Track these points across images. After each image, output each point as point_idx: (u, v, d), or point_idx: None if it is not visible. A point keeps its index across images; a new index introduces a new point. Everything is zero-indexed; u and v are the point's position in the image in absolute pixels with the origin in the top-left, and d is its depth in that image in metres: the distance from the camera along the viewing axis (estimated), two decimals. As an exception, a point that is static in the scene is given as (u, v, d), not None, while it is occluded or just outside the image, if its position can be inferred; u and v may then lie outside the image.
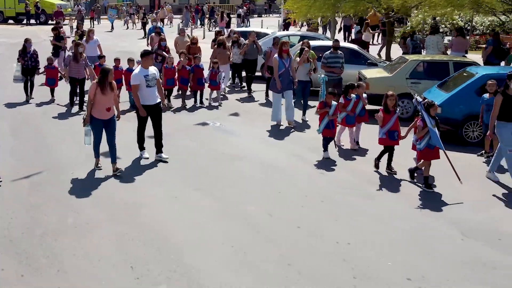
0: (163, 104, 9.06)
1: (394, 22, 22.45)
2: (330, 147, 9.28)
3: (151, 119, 8.80)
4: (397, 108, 8.62)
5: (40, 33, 28.37)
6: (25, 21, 37.10)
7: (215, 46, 14.28)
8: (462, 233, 6.42)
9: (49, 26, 18.11)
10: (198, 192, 7.57)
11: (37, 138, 10.17)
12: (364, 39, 20.89)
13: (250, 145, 9.98)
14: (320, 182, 8.09)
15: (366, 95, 10.05)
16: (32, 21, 37.19)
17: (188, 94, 13.25)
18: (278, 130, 10.97)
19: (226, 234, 6.27)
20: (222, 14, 34.23)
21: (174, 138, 9.97)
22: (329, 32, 26.65)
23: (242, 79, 15.32)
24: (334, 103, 9.20)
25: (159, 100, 8.83)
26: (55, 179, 7.98)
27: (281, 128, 11.12)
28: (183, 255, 5.73)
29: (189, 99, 13.11)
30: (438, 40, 15.88)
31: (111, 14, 36.43)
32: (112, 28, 34.37)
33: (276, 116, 11.30)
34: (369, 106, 10.18)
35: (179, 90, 13.13)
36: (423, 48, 16.69)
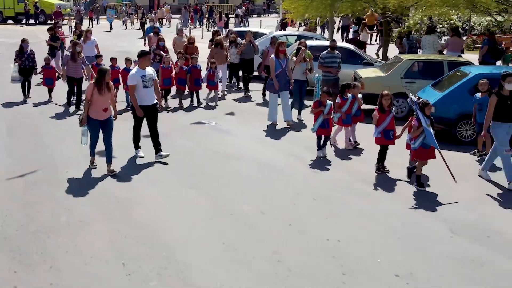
0: (160, 105, 9.10)
1: (393, 22, 22.49)
2: (327, 147, 9.33)
3: (147, 120, 8.83)
4: (392, 108, 8.67)
5: (39, 33, 28.40)
6: (24, 21, 37.16)
7: (212, 46, 14.30)
8: (452, 230, 6.48)
9: (48, 26, 18.22)
10: (194, 191, 7.63)
11: (33, 137, 10.22)
12: (361, 39, 20.97)
13: (246, 144, 10.04)
14: (314, 181, 8.15)
15: (361, 95, 10.11)
16: (31, 21, 37.21)
17: (186, 93, 13.30)
18: (274, 130, 11.02)
19: (218, 232, 6.33)
20: (221, 14, 34.28)
21: (171, 138, 10.02)
22: (327, 32, 26.69)
23: (239, 79, 15.38)
24: (329, 102, 9.27)
25: (155, 100, 8.88)
26: (50, 177, 8.04)
27: (277, 127, 11.17)
28: (174, 252, 5.80)
29: (185, 99, 13.17)
30: (434, 39, 15.94)
31: (110, 14, 36.48)
32: (111, 28, 34.44)
33: (272, 116, 11.37)
34: (364, 106, 10.23)
35: (177, 91, 13.17)
36: (419, 47, 16.74)
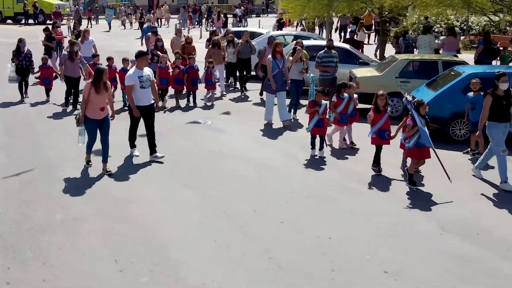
0: (157, 105, 9.13)
1: (390, 22, 22.54)
2: (325, 148, 9.38)
3: (143, 120, 8.87)
4: (387, 108, 8.71)
5: (38, 33, 28.26)
6: (23, 21, 37.21)
7: (210, 46, 14.35)
8: (442, 228, 6.54)
9: (44, 27, 18.31)
10: (190, 190, 7.68)
11: (30, 136, 10.29)
12: (359, 39, 21.04)
13: (242, 144, 10.10)
14: (309, 180, 8.20)
15: (356, 95, 10.17)
16: (31, 21, 37.27)
17: (183, 93, 13.35)
18: (271, 129, 11.08)
19: (211, 230, 6.39)
20: (219, 14, 34.35)
21: (167, 138, 10.08)
22: (325, 31, 26.73)
23: (236, 78, 15.44)
24: (324, 102, 9.31)
25: (153, 101, 8.91)
26: (46, 176, 8.10)
27: (273, 127, 11.23)
28: (166, 249, 5.87)
29: (182, 99, 13.22)
30: (430, 39, 16.00)
31: (109, 14, 36.54)
32: (110, 28, 34.50)
33: (268, 116, 11.43)
34: (359, 105, 10.29)
35: (175, 92, 13.22)
36: (415, 47, 16.81)
